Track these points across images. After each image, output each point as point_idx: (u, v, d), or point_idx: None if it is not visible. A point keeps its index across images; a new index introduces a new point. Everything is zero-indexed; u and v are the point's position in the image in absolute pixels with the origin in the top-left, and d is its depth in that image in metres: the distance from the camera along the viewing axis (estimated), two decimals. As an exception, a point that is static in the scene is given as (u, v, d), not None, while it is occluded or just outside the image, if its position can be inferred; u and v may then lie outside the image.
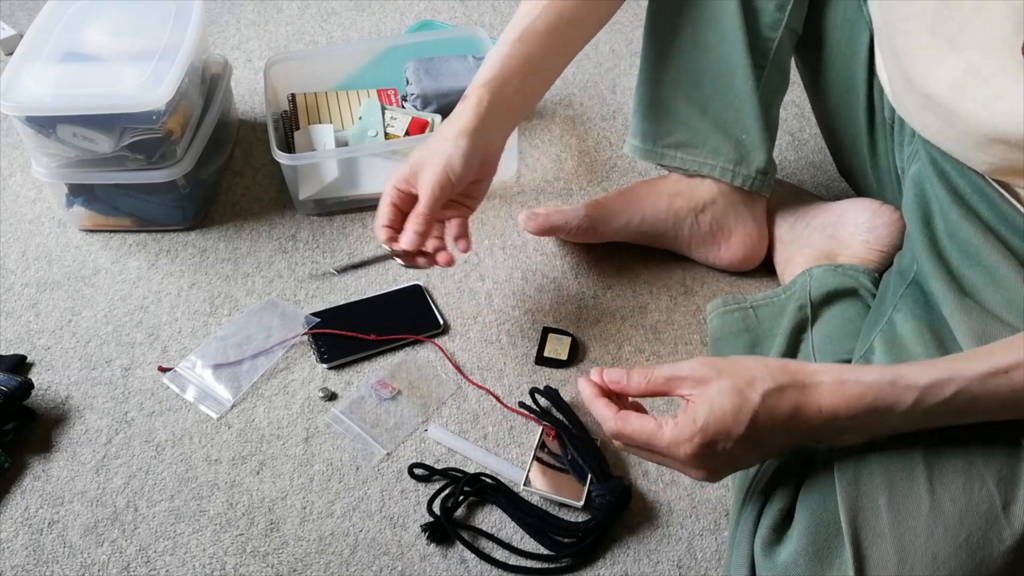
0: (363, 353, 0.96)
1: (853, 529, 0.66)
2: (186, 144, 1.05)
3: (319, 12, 1.49)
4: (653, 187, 1.01)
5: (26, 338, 0.99)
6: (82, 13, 1.08)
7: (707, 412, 0.62)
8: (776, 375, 0.63)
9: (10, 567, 0.80)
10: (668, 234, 1.02)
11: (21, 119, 0.98)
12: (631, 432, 0.65)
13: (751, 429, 0.62)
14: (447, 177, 0.82)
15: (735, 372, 0.63)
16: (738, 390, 0.62)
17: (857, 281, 0.92)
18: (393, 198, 0.84)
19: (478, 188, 0.89)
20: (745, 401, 0.62)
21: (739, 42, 0.91)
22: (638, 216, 1.01)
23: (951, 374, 0.62)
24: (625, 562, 0.81)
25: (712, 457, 0.63)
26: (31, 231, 1.11)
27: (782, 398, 0.62)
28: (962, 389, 0.61)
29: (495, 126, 0.85)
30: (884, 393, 0.62)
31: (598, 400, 0.68)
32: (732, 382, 0.63)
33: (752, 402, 0.62)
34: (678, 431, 0.63)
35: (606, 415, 0.67)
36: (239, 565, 0.80)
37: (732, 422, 0.62)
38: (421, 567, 0.80)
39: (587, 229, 1.01)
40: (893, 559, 0.64)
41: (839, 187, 1.11)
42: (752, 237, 1.01)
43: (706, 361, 0.65)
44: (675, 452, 0.63)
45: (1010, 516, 0.64)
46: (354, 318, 0.99)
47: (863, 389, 0.62)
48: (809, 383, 0.63)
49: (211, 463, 0.88)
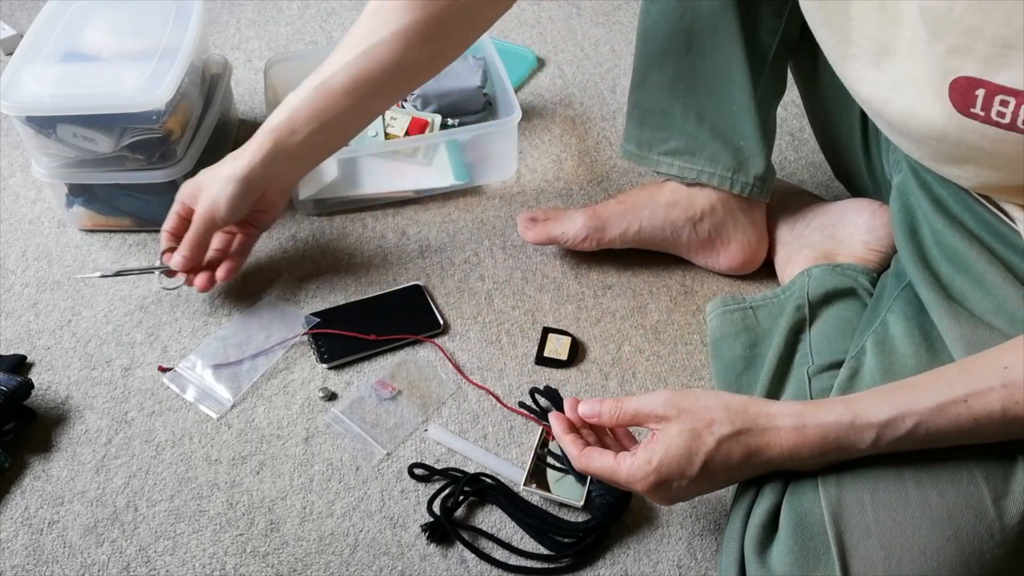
0: (363, 353, 0.96)
1: (836, 527, 0.65)
2: (186, 144, 1.05)
3: (319, 12, 1.49)
4: (651, 196, 1.01)
5: (26, 338, 0.99)
6: (82, 13, 1.08)
7: (663, 453, 0.66)
8: (734, 419, 0.66)
9: (10, 567, 0.80)
10: (667, 242, 1.02)
11: (21, 119, 0.98)
12: (594, 469, 0.70)
13: (703, 470, 0.66)
14: (212, 215, 0.91)
15: (695, 414, 0.66)
16: (696, 434, 0.66)
17: (856, 281, 0.92)
18: (178, 209, 0.94)
19: (263, 217, 0.97)
20: (701, 444, 0.65)
21: (737, 48, 0.91)
22: (636, 225, 1.01)
23: (908, 408, 0.63)
24: (625, 562, 0.81)
25: (667, 491, 0.68)
26: (31, 231, 1.11)
27: (738, 442, 0.66)
28: (921, 422, 0.63)
29: (276, 172, 0.91)
30: (844, 433, 0.64)
31: (566, 436, 0.73)
32: (691, 425, 0.66)
33: (707, 446, 0.65)
34: (634, 469, 0.67)
35: (572, 452, 0.72)
36: (239, 565, 0.80)
37: (686, 464, 0.66)
38: (421, 567, 0.80)
39: (584, 238, 1.01)
40: (880, 554, 0.63)
41: (839, 187, 1.11)
42: (751, 243, 1.01)
43: (670, 399, 0.68)
44: (633, 486, 0.68)
45: (1000, 510, 0.63)
46: (354, 318, 0.99)
47: (823, 432, 0.65)
48: (769, 427, 0.66)
49: (211, 463, 0.88)
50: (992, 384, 0.62)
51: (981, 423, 0.62)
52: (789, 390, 0.83)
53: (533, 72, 1.35)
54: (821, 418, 0.65)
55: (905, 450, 0.65)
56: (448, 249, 1.08)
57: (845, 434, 0.64)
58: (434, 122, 1.14)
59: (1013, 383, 0.61)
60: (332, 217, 1.13)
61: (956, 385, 0.63)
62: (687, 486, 0.67)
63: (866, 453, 0.65)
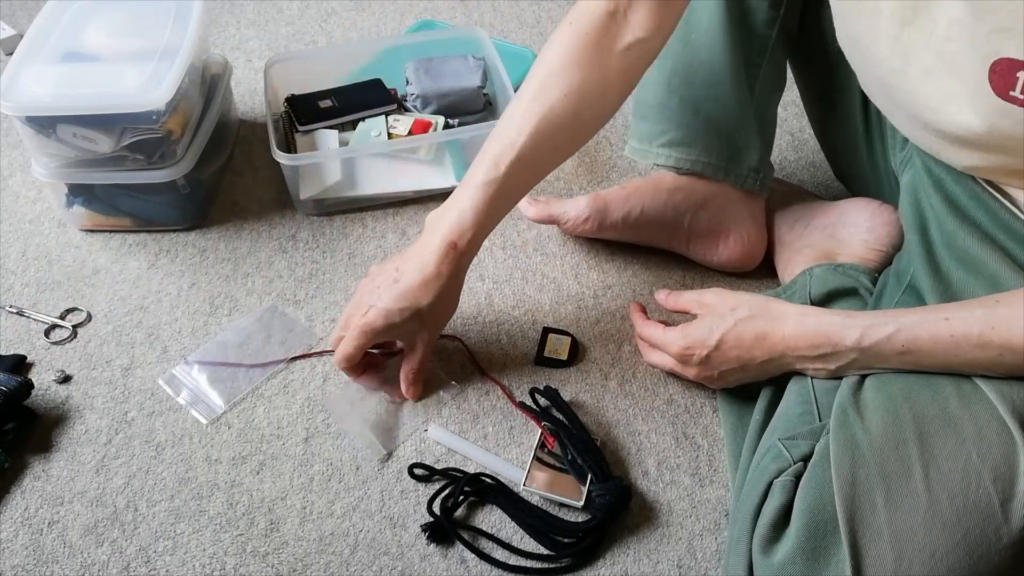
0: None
1: (850, 527, 0.66)
2: (186, 144, 1.05)
3: (319, 12, 1.49)
4: (654, 183, 1.01)
5: (26, 338, 0.99)
6: (82, 13, 1.08)
7: (692, 327, 0.83)
8: (752, 307, 0.80)
9: (10, 567, 0.80)
10: (667, 228, 1.02)
11: (21, 119, 0.98)
12: (647, 335, 0.89)
13: (720, 343, 0.80)
14: (438, 331, 0.90)
15: (726, 301, 0.82)
16: (720, 315, 0.81)
17: (857, 281, 0.92)
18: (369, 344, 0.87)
19: None
20: (721, 322, 0.81)
21: (729, 41, 0.91)
22: (638, 209, 1.01)
23: (893, 316, 0.73)
24: (625, 562, 0.81)
25: (691, 359, 0.83)
26: (31, 231, 1.11)
27: (750, 324, 0.80)
28: (902, 328, 0.71)
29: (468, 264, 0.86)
30: (834, 329, 0.75)
31: (636, 314, 0.93)
32: (719, 309, 0.82)
33: (726, 323, 0.80)
34: (671, 335, 0.84)
35: (638, 322, 0.91)
36: (239, 565, 0.80)
37: (706, 335, 0.81)
38: (421, 567, 0.80)
39: (586, 219, 1.01)
40: (890, 556, 0.64)
41: (839, 187, 1.11)
42: (751, 236, 1.01)
43: (710, 294, 0.85)
44: (668, 349, 0.85)
45: (1007, 513, 0.64)
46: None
47: (817, 323, 0.77)
48: (778, 315, 0.79)
49: (211, 463, 0.88)
50: (975, 314, 0.68)
51: (958, 342, 0.68)
52: (792, 390, 0.83)
53: (533, 72, 1.35)
54: (817, 315, 0.78)
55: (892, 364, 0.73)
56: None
57: (835, 330, 0.75)
58: (438, 124, 1.14)
59: (997, 315, 0.67)
60: (332, 217, 1.13)
61: (944, 309, 0.71)
62: (707, 356, 0.81)
63: (853, 354, 0.74)
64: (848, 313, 0.76)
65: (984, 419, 0.67)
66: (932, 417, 0.69)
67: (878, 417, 0.70)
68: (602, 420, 0.91)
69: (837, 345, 0.74)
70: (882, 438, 0.69)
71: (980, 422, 0.67)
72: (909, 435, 0.68)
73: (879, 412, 0.70)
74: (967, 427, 0.67)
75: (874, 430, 0.69)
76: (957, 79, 0.65)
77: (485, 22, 1.46)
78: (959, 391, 0.69)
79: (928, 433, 0.68)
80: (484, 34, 1.21)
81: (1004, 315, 0.66)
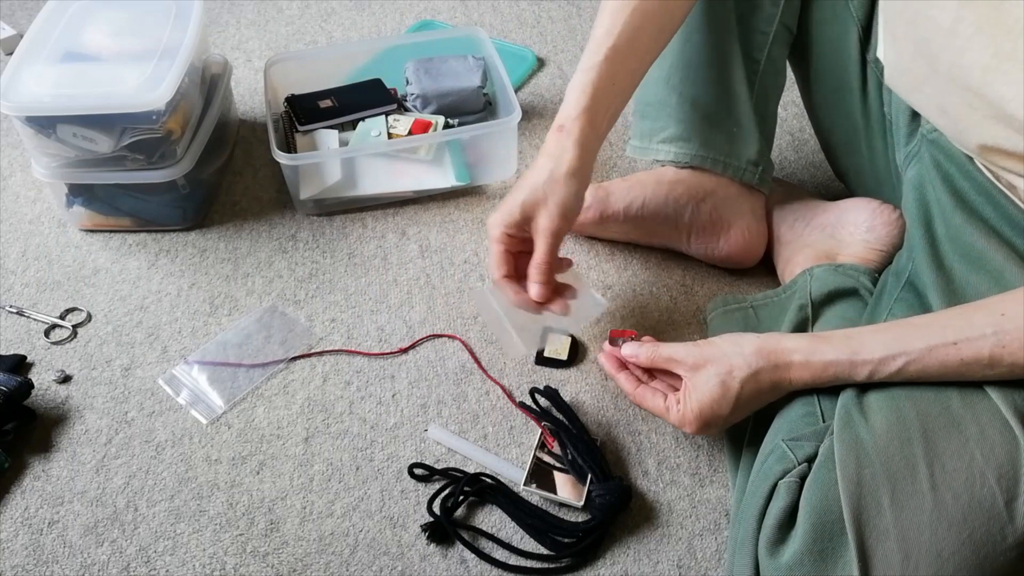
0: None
1: (857, 527, 0.66)
2: (186, 144, 1.05)
3: (319, 12, 1.49)
4: (656, 176, 1.02)
5: (26, 338, 0.99)
6: (82, 13, 1.08)
7: (699, 401, 0.77)
8: (751, 362, 0.76)
9: (10, 567, 0.80)
10: (668, 222, 1.02)
11: (21, 119, 0.98)
12: (647, 407, 0.82)
13: (736, 405, 0.76)
14: (565, 223, 0.83)
15: (718, 363, 0.77)
16: (722, 381, 0.76)
17: (857, 281, 0.92)
18: (507, 245, 0.85)
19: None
20: (728, 389, 0.76)
21: (732, 37, 0.91)
22: (640, 200, 1.01)
23: (901, 348, 0.71)
24: (625, 562, 0.81)
25: (710, 428, 0.79)
26: (31, 231, 1.11)
27: (756, 380, 0.76)
28: (912, 361, 0.70)
29: (591, 156, 0.85)
30: (843, 368, 0.73)
31: (619, 375, 0.84)
32: (716, 372, 0.76)
33: (733, 389, 0.76)
34: (682, 416, 0.78)
35: (627, 388, 0.83)
36: (239, 565, 0.80)
37: (720, 405, 0.76)
38: (421, 567, 0.80)
39: (588, 208, 1.01)
40: (897, 557, 0.64)
41: (839, 187, 1.11)
42: (751, 231, 1.01)
43: (694, 350, 0.79)
44: (682, 428, 0.80)
45: (1012, 512, 0.64)
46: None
47: (824, 366, 0.74)
48: (780, 364, 0.76)
49: (211, 463, 0.88)
50: (985, 332, 0.67)
51: (968, 364, 0.68)
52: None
53: (533, 72, 1.35)
54: (823, 355, 0.74)
55: (898, 382, 0.72)
56: (448, 249, 1.08)
57: (844, 370, 0.73)
58: (438, 124, 1.14)
59: (1005, 331, 0.67)
60: (332, 217, 1.13)
61: (950, 330, 0.69)
62: (726, 418, 0.77)
63: (863, 382, 0.73)
64: (848, 342, 0.74)
65: (987, 419, 0.67)
66: (935, 416, 0.69)
67: (882, 417, 0.70)
68: (602, 420, 0.91)
69: (848, 381, 0.74)
70: (886, 438, 0.69)
71: (983, 422, 0.67)
72: (913, 434, 0.68)
73: (883, 412, 0.70)
74: (970, 427, 0.67)
75: (878, 430, 0.69)
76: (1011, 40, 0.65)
77: (485, 22, 1.46)
78: (961, 391, 0.70)
79: (932, 432, 0.68)
80: (484, 34, 1.21)
81: (1011, 331, 0.66)
